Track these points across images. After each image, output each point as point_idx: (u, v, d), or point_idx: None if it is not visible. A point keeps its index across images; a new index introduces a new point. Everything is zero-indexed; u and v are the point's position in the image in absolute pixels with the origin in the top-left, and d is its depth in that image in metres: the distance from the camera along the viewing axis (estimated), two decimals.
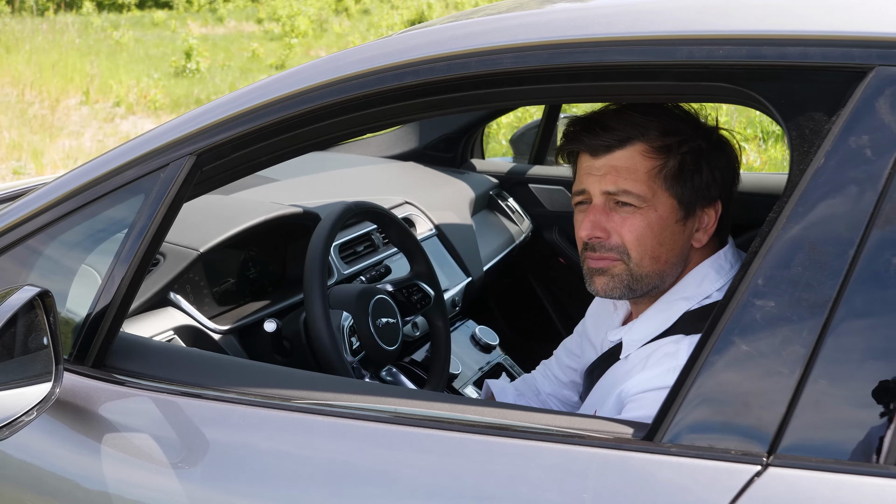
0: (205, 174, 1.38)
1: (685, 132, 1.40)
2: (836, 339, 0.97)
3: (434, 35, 1.28)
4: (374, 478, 1.14)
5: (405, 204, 2.37)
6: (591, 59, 1.16)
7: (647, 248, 1.39)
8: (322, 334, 1.53)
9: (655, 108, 1.41)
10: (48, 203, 1.44)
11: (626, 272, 1.41)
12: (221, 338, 1.74)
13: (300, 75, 1.32)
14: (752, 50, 1.08)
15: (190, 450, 1.25)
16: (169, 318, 1.68)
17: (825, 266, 0.99)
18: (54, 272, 1.45)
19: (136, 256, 1.34)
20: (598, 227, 1.40)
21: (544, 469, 1.07)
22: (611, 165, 1.39)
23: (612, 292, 1.43)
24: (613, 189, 1.38)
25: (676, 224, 1.40)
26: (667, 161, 1.38)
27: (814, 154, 1.03)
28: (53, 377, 1.29)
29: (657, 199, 1.38)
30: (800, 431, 0.97)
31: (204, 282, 1.83)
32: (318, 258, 1.58)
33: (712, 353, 1.03)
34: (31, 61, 12.81)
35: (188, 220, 1.80)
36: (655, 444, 1.03)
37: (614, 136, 1.38)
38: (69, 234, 1.43)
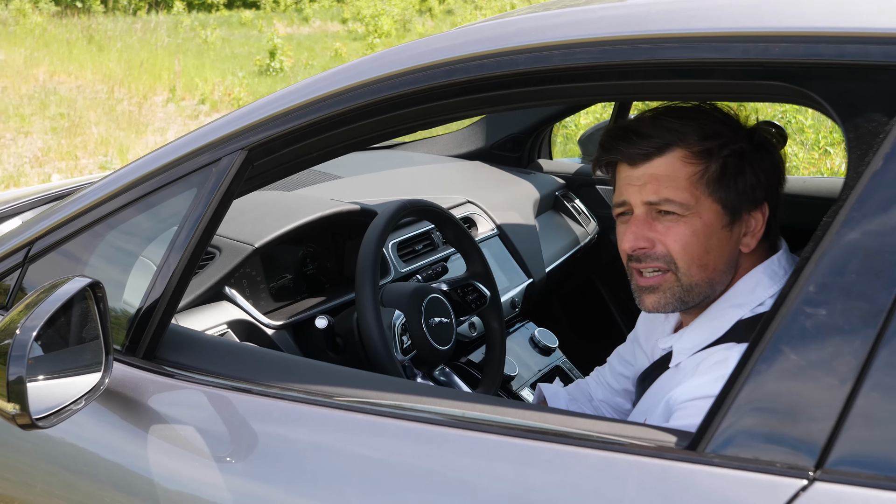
0: (256, 169, 1.39)
1: (725, 134, 1.35)
2: (890, 351, 0.93)
3: (484, 32, 1.26)
4: (410, 478, 1.14)
5: (467, 203, 2.35)
6: (643, 56, 1.13)
7: (694, 256, 1.35)
8: (372, 332, 1.52)
9: (692, 112, 1.37)
10: (107, 195, 1.46)
11: (676, 284, 1.37)
12: (275, 333, 1.75)
13: (349, 72, 1.32)
14: (810, 48, 1.04)
15: (233, 443, 1.26)
16: (223, 312, 1.70)
17: (880, 274, 0.95)
18: (111, 263, 1.47)
19: (188, 249, 1.36)
20: (641, 238, 1.36)
21: (582, 475, 1.05)
22: (650, 174, 1.35)
23: (664, 308, 1.39)
24: (655, 198, 1.35)
25: (723, 230, 1.36)
26: (708, 165, 1.34)
27: (872, 156, 0.99)
28: (103, 367, 1.31)
29: (701, 206, 1.34)
30: (849, 446, 0.92)
31: (261, 277, 1.84)
32: (371, 255, 1.58)
33: (760, 362, 0.99)
34: (122, 59, 13.15)
35: (246, 215, 1.81)
36: (698, 453, 1.00)
37: (652, 143, 1.34)
38: (126, 225, 1.45)
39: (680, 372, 1.38)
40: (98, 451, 1.37)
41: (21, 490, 1.46)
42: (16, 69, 12.26)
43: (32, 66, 12.55)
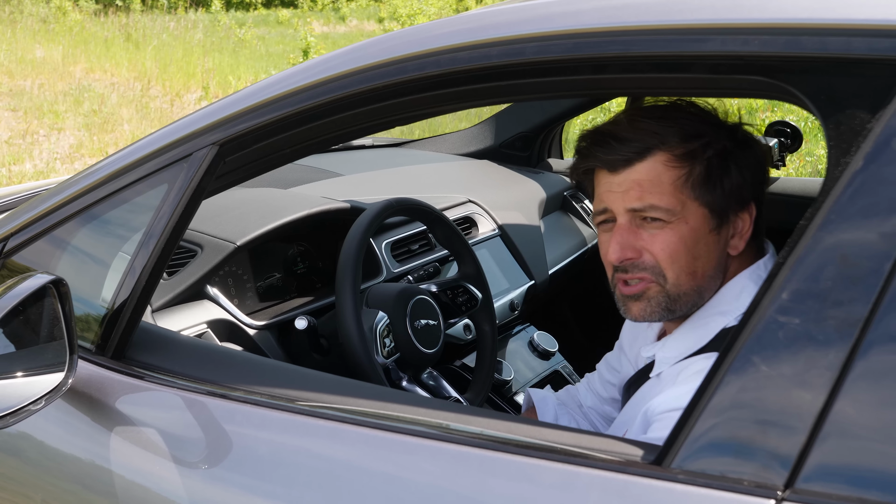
0: (228, 165, 1.35)
1: (707, 133, 1.28)
2: (866, 363, 0.87)
3: (457, 24, 1.21)
4: (367, 484, 1.10)
5: (468, 202, 2.30)
6: (617, 49, 1.08)
7: (683, 264, 1.29)
8: (350, 333, 1.48)
9: (671, 112, 1.31)
10: (81, 190, 1.43)
11: (663, 293, 1.31)
12: (257, 334, 1.71)
13: (321, 66, 1.28)
14: (791, 40, 0.98)
15: (196, 446, 1.24)
16: (204, 311, 1.66)
17: (857, 281, 0.89)
18: (84, 259, 1.44)
19: (157, 246, 1.33)
20: (627, 248, 1.30)
21: (542, 488, 1.00)
22: (632, 180, 1.28)
23: (650, 317, 1.33)
24: (639, 205, 1.28)
25: (710, 234, 1.29)
26: (692, 168, 1.27)
27: (852, 156, 0.93)
28: (66, 367, 1.28)
29: (687, 211, 1.28)
30: (821, 464, 0.87)
31: (248, 275, 1.81)
32: (352, 255, 1.54)
33: (729, 373, 0.94)
34: (158, 57, 13.23)
35: (231, 212, 1.78)
36: (664, 468, 0.95)
37: (631, 147, 1.28)
38: (100, 221, 1.42)
39: (661, 381, 1.33)
40: (63, 448, 1.34)
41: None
42: (53, 66, 12.38)
43: (70, 64, 12.68)
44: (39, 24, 15.58)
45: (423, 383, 1.71)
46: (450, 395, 1.70)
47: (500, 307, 2.14)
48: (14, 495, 1.39)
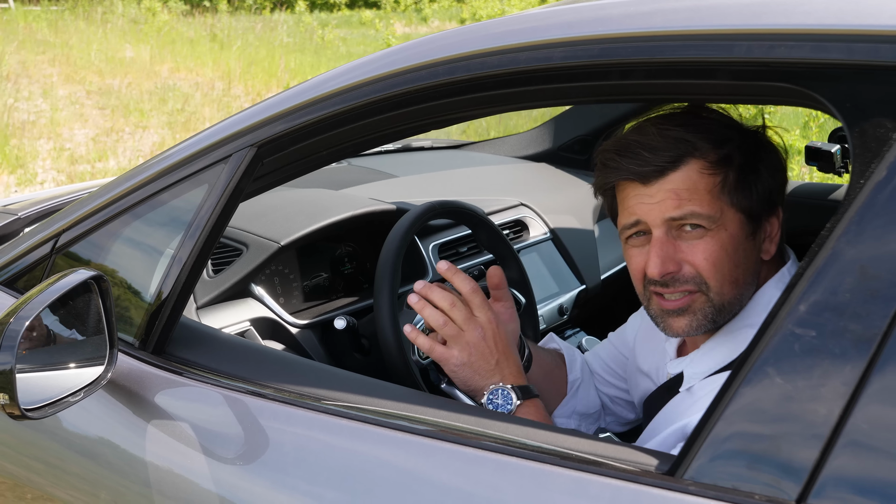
0: (266, 167, 1.38)
1: (735, 138, 1.26)
2: (882, 378, 0.85)
3: (487, 29, 1.22)
4: (385, 484, 1.11)
5: (520, 206, 2.30)
6: (644, 54, 1.07)
7: (726, 272, 1.25)
8: (386, 334, 1.49)
9: (696, 118, 1.28)
10: (128, 189, 1.48)
11: (708, 304, 1.26)
12: (299, 332, 1.74)
13: (355, 70, 1.30)
14: (817, 47, 0.96)
15: (227, 441, 1.26)
16: (247, 309, 1.69)
17: (876, 294, 0.87)
18: (129, 255, 1.49)
19: (196, 245, 1.36)
20: (668, 261, 1.25)
21: (554, 494, 1.00)
22: (667, 189, 1.24)
23: (695, 331, 1.29)
24: (678, 214, 1.24)
25: (747, 240, 1.27)
26: (726, 174, 1.24)
27: (875, 166, 0.91)
28: (106, 361, 1.32)
29: (725, 217, 1.25)
30: (834, 479, 0.85)
31: (294, 275, 1.84)
32: (391, 257, 1.55)
33: (744, 385, 0.93)
34: (242, 57, 13.49)
35: (277, 213, 1.81)
36: (676, 479, 0.94)
37: (664, 157, 1.24)
38: (144, 219, 1.46)
39: (693, 396, 1.29)
40: (104, 436, 1.39)
41: (25, 470, 1.50)
42: (141, 65, 12.72)
43: (157, 63, 13.01)
44: (129, 24, 16.01)
45: None
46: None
47: (548, 311, 2.14)
48: (54, 478, 1.44)
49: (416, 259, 1.97)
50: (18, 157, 7.46)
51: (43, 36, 14.40)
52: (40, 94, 10.52)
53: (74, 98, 10.53)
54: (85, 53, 13.00)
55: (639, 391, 1.54)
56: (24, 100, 9.98)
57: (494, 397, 1.32)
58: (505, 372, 1.33)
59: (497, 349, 1.33)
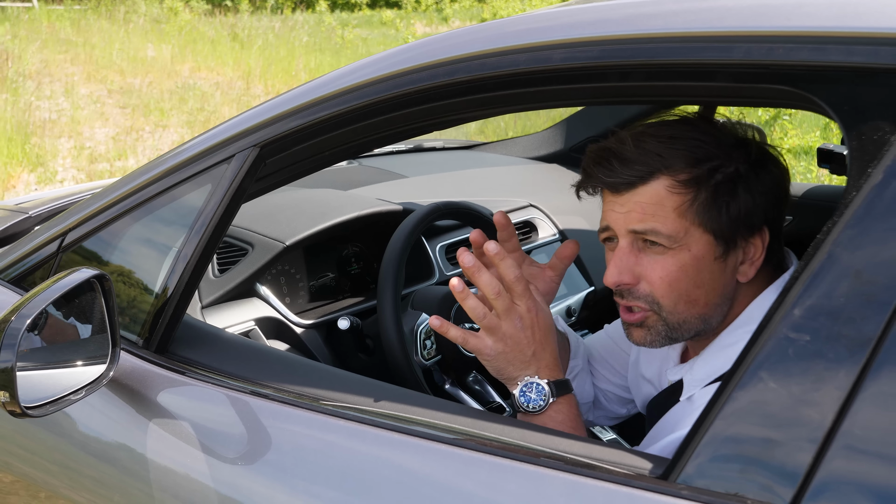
0: (269, 167, 1.38)
1: (717, 157, 1.22)
2: (876, 384, 0.84)
3: (487, 31, 1.22)
4: (381, 485, 1.12)
5: (529, 207, 2.29)
6: (643, 56, 1.07)
7: (682, 292, 1.24)
8: (389, 334, 1.49)
9: (681, 130, 1.25)
10: (133, 188, 1.48)
11: (661, 323, 1.26)
12: (304, 332, 1.74)
13: (357, 72, 1.30)
14: (816, 49, 0.96)
15: (227, 440, 1.27)
16: (252, 308, 1.70)
17: (872, 298, 0.86)
18: (134, 254, 1.49)
19: (199, 245, 1.36)
20: (625, 272, 1.25)
21: (549, 497, 1.00)
22: (634, 202, 1.23)
23: (651, 344, 1.29)
24: (640, 228, 1.23)
25: (716, 262, 1.24)
26: (697, 194, 1.21)
27: (872, 169, 0.90)
28: (108, 359, 1.33)
29: (690, 237, 1.22)
30: (827, 485, 0.85)
31: (301, 275, 1.84)
32: (395, 258, 1.55)
33: (738, 389, 0.92)
34: (262, 56, 13.54)
35: (284, 213, 1.82)
36: (669, 483, 0.94)
37: (634, 171, 1.22)
38: (149, 218, 1.47)
39: (693, 405, 1.28)
40: (106, 433, 1.40)
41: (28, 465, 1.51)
42: (162, 65, 12.80)
43: (178, 63, 13.08)
44: (152, 23, 16.11)
45: (468, 387, 1.71)
46: (494, 400, 1.70)
47: (556, 312, 2.13)
48: (56, 473, 1.45)
49: (423, 260, 1.97)
50: (39, 155, 7.52)
51: (66, 35, 14.51)
52: (62, 92, 10.60)
53: (96, 97, 10.61)
54: (107, 52, 13.09)
55: (641, 395, 1.53)
56: (46, 98, 10.06)
57: (528, 390, 1.27)
58: (541, 364, 1.28)
59: (534, 339, 1.28)
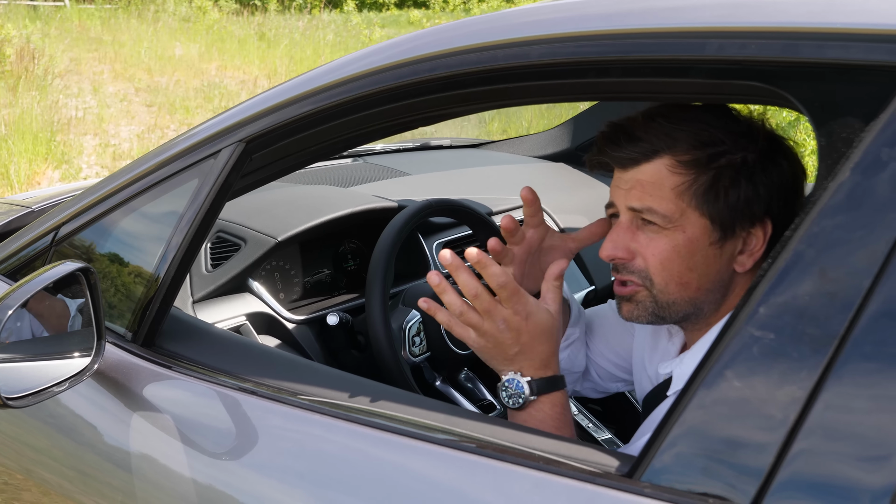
0: (255, 162, 1.39)
1: (723, 143, 1.23)
2: (839, 382, 0.83)
3: (468, 27, 1.22)
4: (350, 479, 1.12)
5: None
6: (619, 52, 1.06)
7: (674, 273, 1.25)
8: (376, 330, 1.49)
9: (692, 114, 1.25)
10: (123, 183, 1.50)
11: (650, 300, 1.27)
12: (296, 328, 1.74)
13: (341, 68, 1.31)
14: (788, 45, 0.95)
15: (209, 434, 1.27)
16: (244, 303, 1.71)
17: (835, 297, 0.85)
18: (124, 248, 1.50)
19: (185, 240, 1.37)
20: (620, 247, 1.27)
21: (513, 493, 0.99)
22: (636, 179, 1.25)
23: (638, 319, 1.30)
24: (638, 205, 1.25)
25: (711, 247, 1.24)
26: (697, 176, 1.22)
27: (840, 166, 0.89)
28: (93, 352, 1.34)
29: (686, 219, 1.23)
30: (789, 483, 0.84)
31: (296, 270, 1.85)
32: (384, 254, 1.55)
33: (702, 387, 0.92)
34: (287, 55, 13.61)
35: (278, 208, 1.82)
36: (633, 481, 0.93)
37: (639, 148, 1.24)
38: (139, 212, 1.48)
39: None
40: (93, 423, 1.40)
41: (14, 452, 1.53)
42: (190, 63, 12.90)
43: (205, 61, 13.18)
44: (180, 22, 16.23)
45: (460, 384, 1.71)
46: (485, 397, 1.70)
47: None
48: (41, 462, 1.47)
49: (419, 257, 1.97)
50: (64, 152, 7.59)
51: (96, 33, 14.67)
52: (90, 90, 10.71)
53: (123, 95, 10.70)
54: (135, 51, 13.21)
55: (640, 388, 1.53)
56: (74, 96, 10.16)
57: (509, 385, 1.27)
58: (525, 363, 1.28)
59: (519, 341, 1.26)
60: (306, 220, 1.80)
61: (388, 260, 1.55)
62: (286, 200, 1.87)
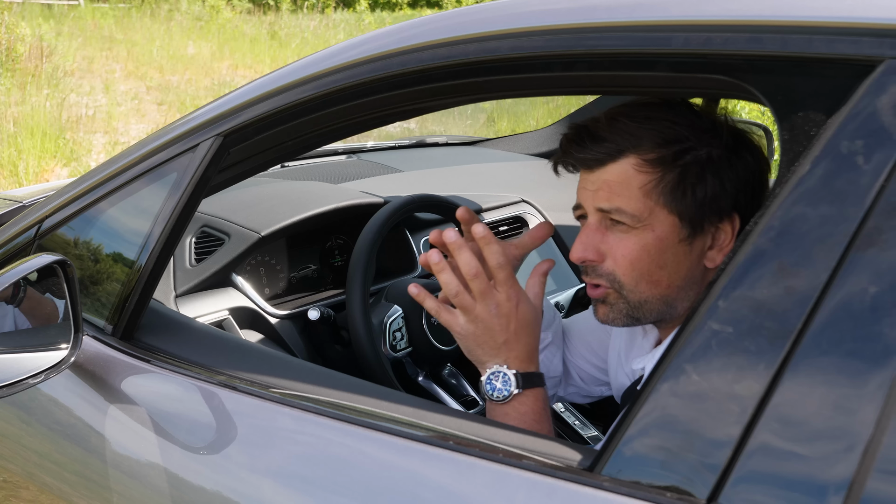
0: (233, 156, 1.39)
1: (687, 140, 1.22)
2: (795, 377, 0.83)
3: (438, 21, 1.22)
4: (314, 470, 1.12)
5: (521, 202, 2.28)
6: (586, 46, 1.06)
7: (643, 272, 1.24)
8: (355, 325, 1.49)
9: (657, 112, 1.25)
10: (104, 177, 1.50)
11: (622, 301, 1.27)
12: (279, 323, 1.75)
13: (315, 63, 1.31)
14: (752, 38, 0.95)
15: (186, 427, 1.27)
16: (227, 298, 1.71)
17: (793, 291, 0.85)
18: (105, 241, 1.51)
19: (163, 234, 1.38)
20: (589, 249, 1.27)
21: (476, 487, 1.00)
22: (603, 180, 1.24)
23: (614, 322, 1.29)
24: (607, 206, 1.24)
25: (680, 244, 1.24)
26: (664, 174, 1.22)
27: (801, 160, 0.89)
28: (70, 345, 1.34)
29: (654, 218, 1.23)
30: (747, 477, 0.84)
31: (282, 266, 1.85)
32: (364, 249, 1.55)
33: (661, 381, 0.92)
34: (298, 54, 13.63)
35: (263, 203, 1.83)
36: (594, 475, 0.93)
37: (604, 148, 1.24)
38: (117, 207, 1.49)
39: None
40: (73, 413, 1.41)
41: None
42: (202, 62, 12.94)
43: (217, 60, 13.22)
44: (193, 21, 16.28)
45: (443, 380, 1.71)
46: (468, 393, 1.70)
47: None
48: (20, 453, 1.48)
49: (406, 254, 1.97)
50: (74, 150, 7.63)
51: (109, 32, 14.72)
52: (101, 89, 10.75)
53: (134, 93, 10.75)
54: (148, 50, 13.26)
55: (618, 385, 1.52)
56: (86, 94, 10.20)
57: (494, 378, 1.27)
58: (510, 355, 1.27)
59: (508, 329, 1.26)
60: (291, 215, 1.80)
61: (369, 254, 1.55)
62: (271, 195, 1.88)
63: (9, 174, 6.65)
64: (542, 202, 2.32)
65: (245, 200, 1.82)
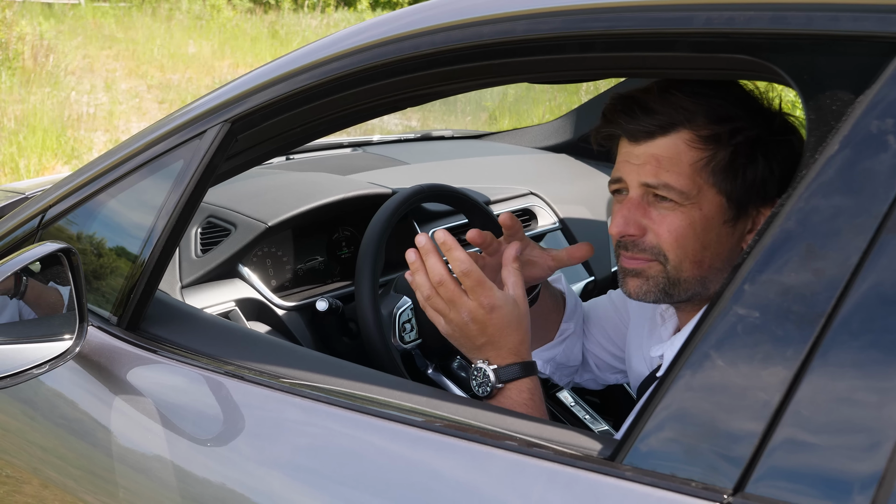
0: (241, 143, 1.37)
1: (740, 118, 1.20)
2: (824, 362, 0.81)
3: (453, 3, 1.19)
4: (328, 460, 1.10)
5: (529, 195, 2.26)
6: (602, 26, 1.04)
7: (688, 250, 1.21)
8: (365, 317, 1.47)
9: (707, 88, 1.22)
10: (110, 165, 1.48)
11: (663, 275, 1.24)
12: (286, 314, 1.72)
13: (326, 47, 1.29)
14: (777, 16, 0.92)
15: (193, 418, 1.25)
16: (234, 289, 1.69)
17: (822, 274, 0.82)
18: (110, 230, 1.48)
19: (170, 222, 1.35)
20: (631, 224, 1.23)
21: (491, 477, 0.97)
22: (651, 154, 1.21)
23: (645, 296, 1.26)
24: (653, 181, 1.21)
25: (724, 225, 1.22)
26: (715, 153, 1.19)
27: (829, 140, 0.86)
28: (76, 334, 1.32)
29: (702, 196, 1.20)
30: (773, 469, 0.81)
31: (288, 257, 1.83)
32: (374, 239, 1.53)
33: (685, 367, 0.89)
34: None
35: (270, 194, 1.80)
36: (615, 464, 0.91)
37: (656, 120, 1.20)
38: (123, 195, 1.46)
39: None
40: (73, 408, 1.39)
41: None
42: (203, 61, 12.90)
43: (217, 59, 13.19)
44: (193, 20, 16.25)
45: (453, 373, 1.69)
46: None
47: None
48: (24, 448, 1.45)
49: (413, 245, 1.95)
50: (75, 147, 7.61)
51: (109, 31, 14.69)
52: (102, 87, 10.72)
53: (135, 92, 10.72)
54: (148, 49, 13.22)
55: (636, 374, 1.50)
56: (86, 93, 10.17)
57: (477, 374, 1.26)
58: (491, 353, 1.26)
59: (485, 333, 1.24)
60: (298, 205, 1.78)
61: (379, 244, 1.53)
62: (278, 186, 1.86)
63: (10, 171, 6.63)
64: (549, 195, 2.30)
65: (251, 191, 1.80)
